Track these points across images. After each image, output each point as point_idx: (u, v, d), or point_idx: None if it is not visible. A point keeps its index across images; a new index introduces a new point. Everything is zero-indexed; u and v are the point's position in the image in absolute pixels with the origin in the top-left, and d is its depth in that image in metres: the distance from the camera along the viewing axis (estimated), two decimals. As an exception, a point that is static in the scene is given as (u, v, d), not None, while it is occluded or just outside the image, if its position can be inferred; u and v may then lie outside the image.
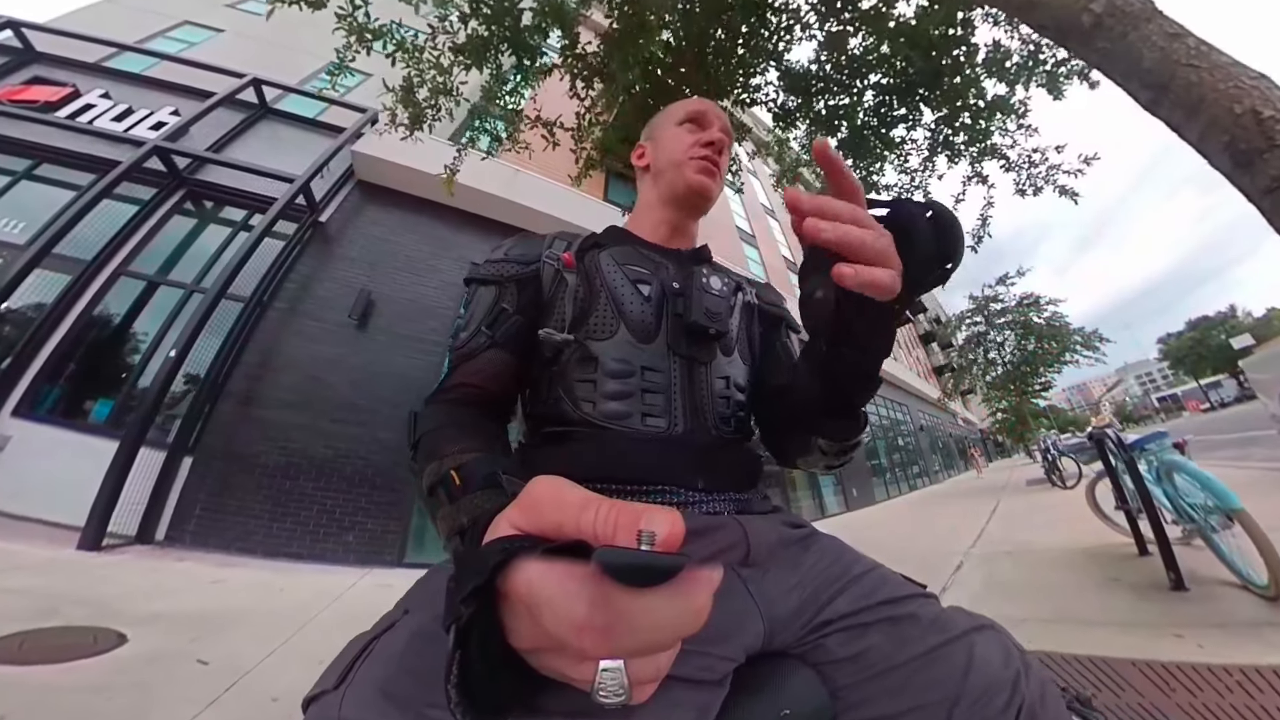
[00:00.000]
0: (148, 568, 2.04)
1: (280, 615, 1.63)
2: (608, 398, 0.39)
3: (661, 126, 0.53)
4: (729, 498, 0.39)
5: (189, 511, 2.62)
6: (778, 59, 1.97)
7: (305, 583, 2.14)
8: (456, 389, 0.40)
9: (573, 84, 1.83)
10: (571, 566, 0.13)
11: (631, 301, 0.43)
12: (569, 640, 0.13)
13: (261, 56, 4.93)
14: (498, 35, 1.54)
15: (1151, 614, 1.30)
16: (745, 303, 0.51)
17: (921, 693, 0.27)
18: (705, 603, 0.13)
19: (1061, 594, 1.59)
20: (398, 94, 1.67)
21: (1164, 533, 1.55)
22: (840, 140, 2.22)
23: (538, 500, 0.17)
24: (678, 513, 0.14)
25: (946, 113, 2.01)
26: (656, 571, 0.12)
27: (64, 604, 1.43)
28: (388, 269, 3.75)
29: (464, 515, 0.25)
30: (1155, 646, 1.09)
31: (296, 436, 2.91)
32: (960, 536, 3.01)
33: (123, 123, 3.85)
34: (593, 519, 0.14)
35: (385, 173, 4.00)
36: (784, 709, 0.27)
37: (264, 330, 3.21)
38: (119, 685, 1.03)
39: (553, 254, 0.45)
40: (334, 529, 2.77)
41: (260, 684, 1.11)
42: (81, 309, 3.07)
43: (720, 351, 0.44)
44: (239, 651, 1.26)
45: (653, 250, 0.48)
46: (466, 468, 0.28)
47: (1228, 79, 0.64)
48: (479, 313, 0.43)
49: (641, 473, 0.37)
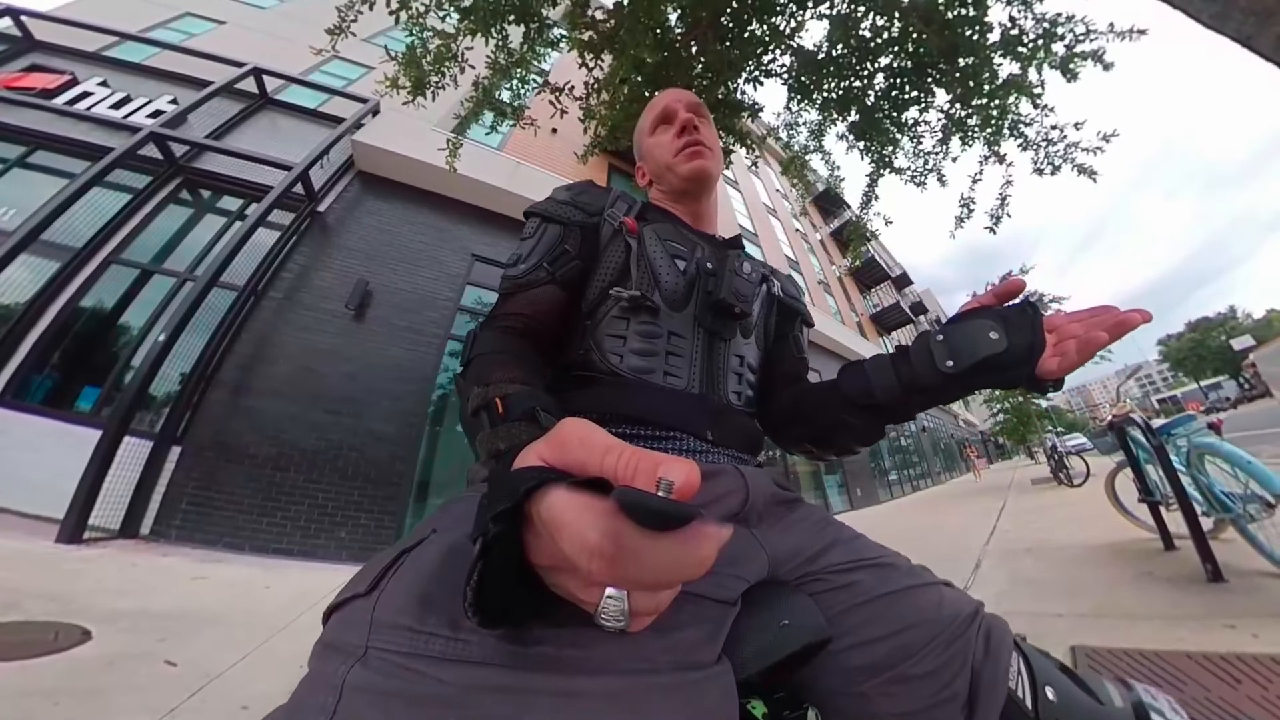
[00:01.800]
0: (127, 562, 1.94)
1: (261, 615, 1.52)
2: (634, 354, 0.42)
3: (642, 142, 0.57)
4: (733, 454, 0.42)
5: (175, 504, 2.52)
6: (788, 39, 1.92)
7: (292, 580, 2.04)
8: (511, 317, 0.42)
9: (581, 55, 1.77)
10: (593, 499, 0.14)
11: (668, 273, 0.45)
12: (580, 563, 0.14)
13: (262, 48, 4.91)
14: (505, 2, 1.48)
15: (1195, 606, 1.24)
16: (770, 293, 0.54)
17: (908, 615, 0.31)
18: (710, 554, 0.13)
19: (1093, 590, 1.55)
20: (401, 59, 1.61)
21: (1198, 522, 1.47)
22: (852, 123, 2.17)
23: (566, 439, 0.18)
24: (694, 464, 0.14)
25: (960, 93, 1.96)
26: (668, 517, 0.13)
27: (27, 598, 1.33)
28: (387, 259, 3.68)
29: (501, 441, 0.27)
30: (1209, 639, 1.04)
31: (288, 427, 2.82)
32: (973, 535, 3.02)
33: (120, 110, 3.80)
34: (615, 461, 0.15)
35: (386, 163, 3.95)
36: (783, 620, 0.30)
37: (258, 319, 3.13)
38: (71, 688, 0.92)
39: (614, 214, 0.48)
40: (325, 524, 2.67)
41: (230, 690, 1.00)
42: (69, 296, 3.00)
43: (740, 332, 0.47)
44: (211, 654, 1.16)
45: (692, 232, 0.51)
46: (510, 398, 0.30)
47: None
48: (542, 248, 0.44)
49: (657, 417, 0.40)
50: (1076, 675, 0.31)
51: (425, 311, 3.57)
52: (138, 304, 3.18)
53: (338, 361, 3.12)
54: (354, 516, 2.73)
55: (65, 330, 2.94)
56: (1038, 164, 1.74)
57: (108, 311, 3.10)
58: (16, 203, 3.28)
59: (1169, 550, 1.79)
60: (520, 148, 4.92)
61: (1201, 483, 1.61)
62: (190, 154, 3.67)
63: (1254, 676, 0.85)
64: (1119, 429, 1.93)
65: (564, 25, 1.75)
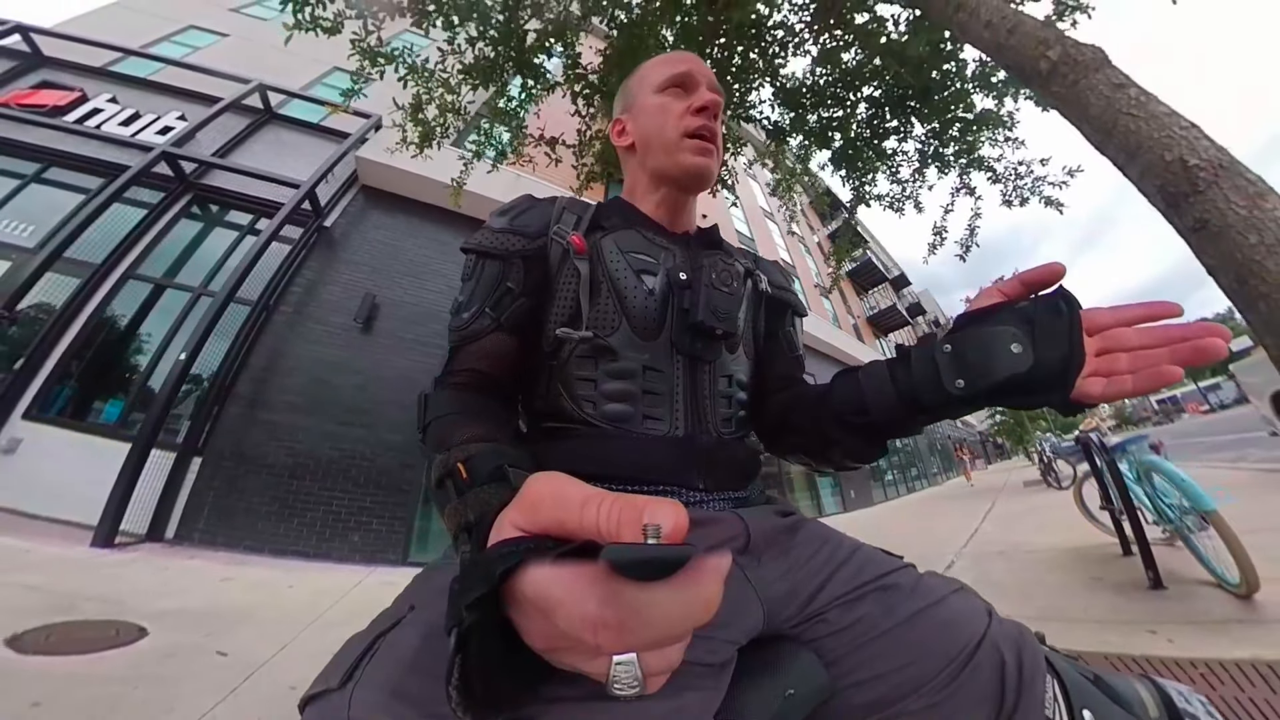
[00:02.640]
0: (159, 565, 2.09)
1: (290, 612, 1.69)
2: (608, 398, 0.37)
3: (640, 93, 0.46)
4: (728, 496, 0.39)
5: (198, 511, 2.67)
6: (773, 75, 2.04)
7: (312, 581, 2.19)
8: (463, 373, 0.38)
9: (574, 101, 1.90)
10: (580, 567, 0.13)
11: (635, 295, 0.39)
12: (584, 638, 0.13)
13: (265, 61, 4.99)
14: (503, 56, 1.60)
15: (1130, 612, 1.35)
16: (757, 290, 0.47)
17: (915, 647, 0.29)
18: (715, 592, 0.13)
19: (1048, 593, 1.64)
20: (408, 112, 1.73)
21: (1143, 533, 1.59)
22: (834, 151, 2.29)
23: (538, 498, 0.17)
24: (680, 504, 0.14)
25: (937, 125, 2.08)
26: (665, 564, 0.12)
27: (81, 600, 1.48)
28: (392, 273, 3.80)
29: (470, 511, 0.24)
30: (1130, 642, 1.15)
31: (303, 438, 2.96)
32: (955, 537, 3.01)
33: (130, 127, 3.91)
34: (595, 515, 0.14)
35: (389, 178, 4.06)
36: (789, 689, 0.28)
37: (270, 333, 3.27)
38: (143, 676, 1.08)
39: (561, 231, 0.41)
40: (339, 528, 2.82)
41: (276, 675, 1.16)
42: (91, 311, 3.11)
43: (726, 349, 0.42)
44: (253, 645, 1.31)
45: (658, 234, 0.44)
46: (474, 460, 0.26)
47: (1161, 128, 0.69)
48: (481, 290, 0.40)
49: (642, 472, 0.36)
50: (1106, 682, 0.29)
51: (430, 324, 3.70)
52: (154, 317, 3.30)
53: (348, 373, 3.25)
54: (366, 522, 2.89)
55: (88, 345, 3.06)
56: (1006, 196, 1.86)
57: (126, 326, 3.23)
58: (34, 218, 3.39)
59: (1126, 555, 1.92)
60: (522, 166, 5.00)
61: (1151, 495, 1.75)
62: (200, 170, 3.79)
63: (1153, 676, 0.99)
64: (1084, 443, 2.07)
65: (558, 77, 1.87)
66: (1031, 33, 0.86)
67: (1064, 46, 0.80)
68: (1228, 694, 0.90)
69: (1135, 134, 0.71)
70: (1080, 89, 0.77)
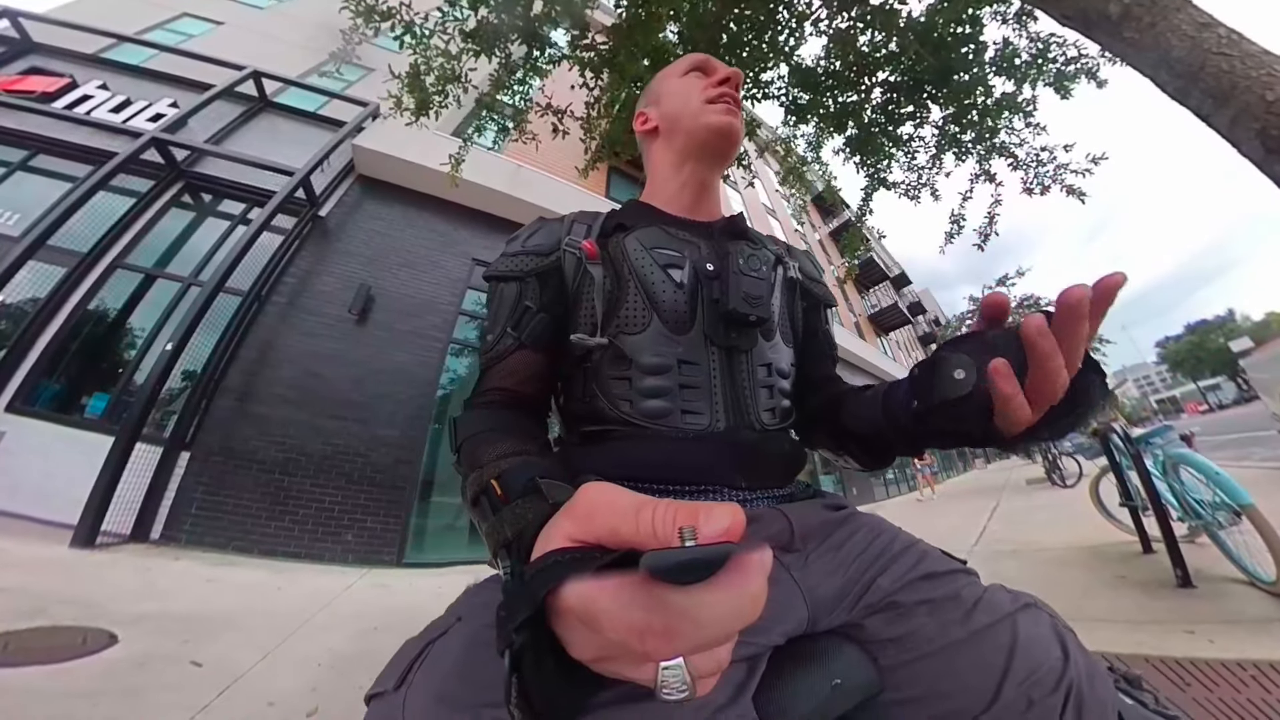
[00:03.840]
0: (141, 566, 2.00)
1: (276, 616, 1.59)
2: (645, 395, 0.37)
3: (665, 82, 0.48)
4: (771, 494, 0.39)
5: (185, 509, 2.58)
6: (788, 56, 1.97)
7: (303, 582, 2.10)
8: (491, 392, 0.39)
9: (582, 73, 1.81)
10: (622, 577, 0.13)
11: (664, 289, 0.39)
12: (634, 646, 0.13)
13: (260, 49, 4.89)
14: (508, 24, 1.52)
15: (1160, 611, 1.29)
16: (787, 278, 0.46)
17: (967, 674, 0.27)
18: (760, 587, 0.13)
19: (1068, 592, 1.57)
20: (404, 79, 1.65)
21: (1171, 529, 1.54)
22: (848, 137, 2.22)
23: (591, 507, 0.17)
24: (736, 505, 0.14)
25: (954, 110, 2.01)
26: (705, 565, 0.12)
27: (52, 603, 1.39)
28: (388, 264, 3.71)
29: (508, 528, 0.24)
30: (1167, 643, 1.08)
31: (295, 433, 2.87)
32: (962, 535, 2.98)
33: (121, 114, 3.81)
34: (650, 520, 0.14)
35: (386, 167, 3.97)
36: (835, 678, 0.28)
37: (262, 325, 3.17)
38: (107, 690, 0.99)
39: (573, 241, 0.42)
40: (332, 527, 2.74)
41: (255, 687, 1.07)
42: (77, 302, 3.02)
43: (761, 336, 0.41)
44: (233, 654, 1.22)
45: (681, 227, 0.44)
46: (506, 475, 0.27)
47: (1259, 67, 0.62)
48: (503, 313, 0.41)
49: (683, 473, 0.36)
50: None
51: (427, 316, 3.62)
52: (143, 309, 3.21)
53: (342, 366, 3.16)
54: (360, 520, 2.80)
55: (73, 336, 2.97)
56: (1027, 183, 1.80)
57: (114, 317, 3.14)
58: (20, 207, 3.29)
59: (1146, 553, 1.86)
60: (520, 150, 4.93)
61: (1177, 490, 1.68)
62: (191, 158, 3.69)
63: (1201, 680, 0.92)
64: (1103, 436, 2.01)
65: (565, 48, 1.79)
66: None
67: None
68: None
69: (1228, 74, 0.62)
70: (1159, 30, 0.69)
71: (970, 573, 0.33)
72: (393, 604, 1.86)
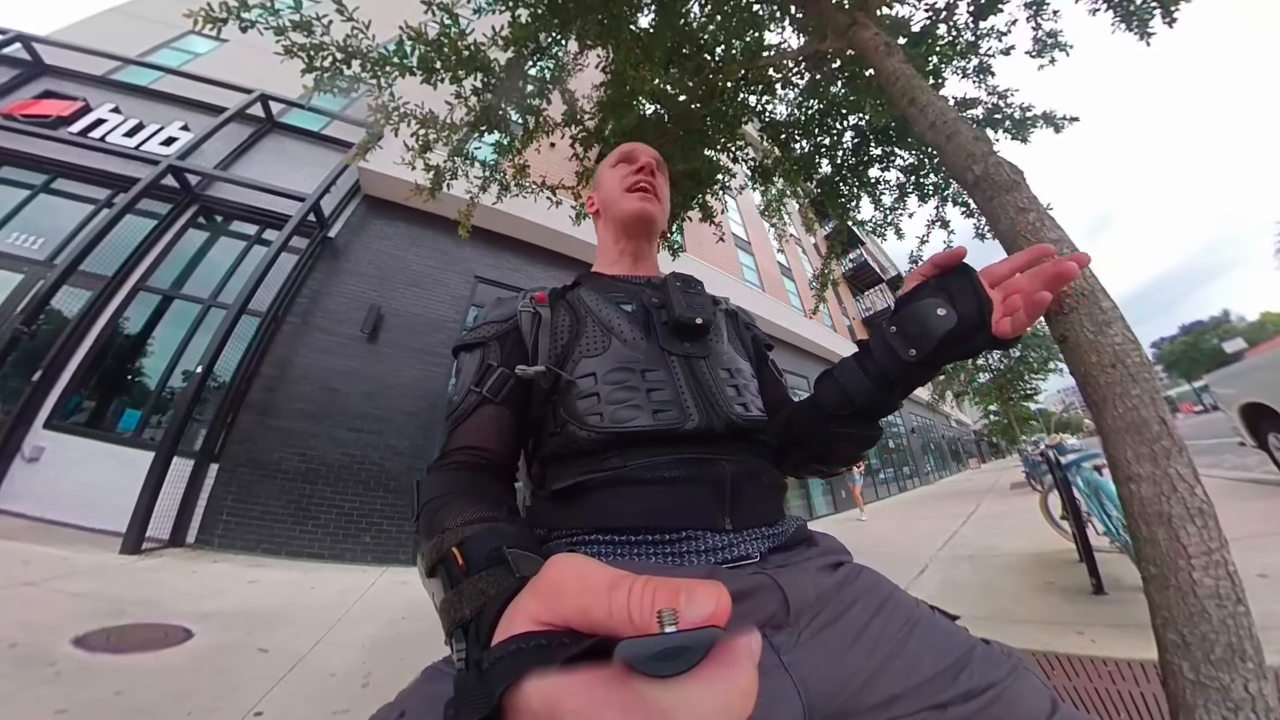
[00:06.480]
0: (188, 570, 2.23)
1: (315, 610, 1.84)
2: (614, 404, 0.38)
3: (602, 172, 0.58)
4: (759, 533, 0.37)
5: (217, 516, 2.80)
6: (760, 114, 2.15)
7: (331, 580, 2.34)
8: (456, 453, 0.39)
9: (573, 145, 2.04)
10: (594, 671, 0.12)
11: (618, 319, 0.44)
12: None
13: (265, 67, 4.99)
14: (506, 101, 1.73)
15: (1068, 614, 1.47)
16: (728, 311, 0.54)
17: None
18: (750, 679, 0.11)
19: (1002, 595, 1.76)
20: (416, 150, 1.87)
21: (1088, 541, 1.74)
22: (820, 179, 2.40)
23: (559, 583, 0.15)
24: (720, 585, 0.12)
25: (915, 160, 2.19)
26: (687, 654, 0.11)
27: (127, 604, 1.63)
28: (396, 283, 3.89)
29: (466, 605, 0.22)
30: (1058, 641, 1.27)
31: (314, 444, 3.10)
32: (933, 540, 3.13)
33: (134, 138, 3.95)
34: (625, 601, 0.13)
35: (391, 188, 4.13)
36: None
37: (280, 343, 3.38)
38: (202, 668, 1.24)
39: (527, 303, 0.46)
40: (352, 530, 2.97)
41: (316, 664, 1.31)
42: (104, 323, 3.21)
43: (712, 342, 0.45)
44: (291, 642, 1.46)
45: (627, 282, 0.50)
46: (469, 543, 0.25)
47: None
48: (467, 376, 0.43)
49: (662, 519, 0.34)
50: None
51: (434, 334, 3.81)
52: (165, 328, 3.41)
53: (356, 382, 3.38)
54: (377, 523, 3.04)
55: (103, 355, 3.17)
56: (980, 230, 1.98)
57: (138, 337, 3.34)
58: (42, 231, 3.47)
59: (1081, 561, 2.10)
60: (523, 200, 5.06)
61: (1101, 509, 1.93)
62: (205, 182, 3.85)
63: (1067, 671, 1.11)
64: (1046, 456, 2.25)
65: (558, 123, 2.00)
66: (963, 145, 0.95)
67: (986, 165, 0.90)
68: (1124, 689, 1.02)
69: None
70: (994, 205, 0.88)
71: (975, 643, 0.31)
72: (414, 598, 2.07)
